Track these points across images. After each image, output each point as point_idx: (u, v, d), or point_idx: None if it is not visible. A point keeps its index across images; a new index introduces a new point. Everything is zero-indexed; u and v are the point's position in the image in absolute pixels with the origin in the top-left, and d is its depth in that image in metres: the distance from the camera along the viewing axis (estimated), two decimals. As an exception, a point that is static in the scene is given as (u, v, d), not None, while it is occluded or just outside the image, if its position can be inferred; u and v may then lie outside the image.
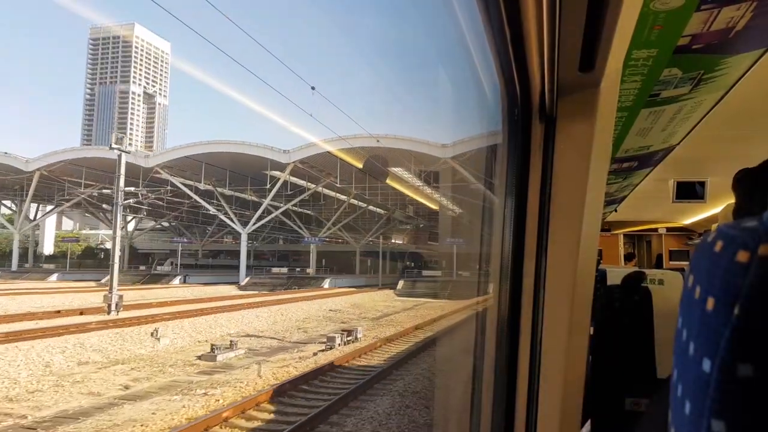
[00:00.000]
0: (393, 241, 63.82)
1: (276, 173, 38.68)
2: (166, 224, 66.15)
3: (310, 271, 48.74)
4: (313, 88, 24.31)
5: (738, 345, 0.25)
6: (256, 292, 36.00)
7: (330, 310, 24.23)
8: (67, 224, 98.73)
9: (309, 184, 41.43)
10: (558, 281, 1.02)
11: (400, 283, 39.76)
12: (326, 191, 43.82)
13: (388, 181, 35.73)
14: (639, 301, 1.64)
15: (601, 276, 3.30)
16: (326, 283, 41.21)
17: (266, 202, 40.86)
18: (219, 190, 42.85)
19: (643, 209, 7.83)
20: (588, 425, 1.62)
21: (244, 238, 42.84)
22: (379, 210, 51.47)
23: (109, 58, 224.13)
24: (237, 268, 45.11)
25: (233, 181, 42.75)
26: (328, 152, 34.40)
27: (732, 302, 0.25)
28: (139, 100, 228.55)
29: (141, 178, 39.82)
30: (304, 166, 37.28)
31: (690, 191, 4.75)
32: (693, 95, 2.37)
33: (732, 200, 1.09)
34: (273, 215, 43.34)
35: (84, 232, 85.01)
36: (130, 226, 62.70)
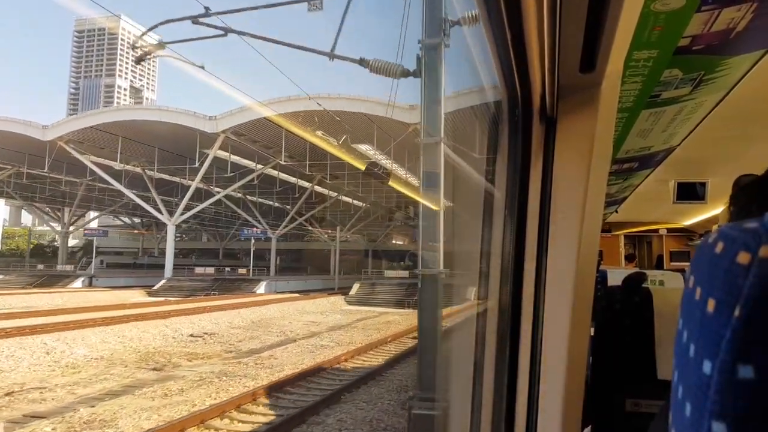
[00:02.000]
0: (368, 237, 58.13)
1: (208, 151, 31.01)
2: (127, 220, 60.96)
3: (244, 271, 41.64)
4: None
5: (738, 347, 0.25)
6: (163, 299, 27.85)
7: (190, 335, 15.03)
8: (27, 219, 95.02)
9: (258, 165, 34.02)
10: (558, 283, 1.02)
11: (356, 287, 31.38)
12: (285, 176, 37.02)
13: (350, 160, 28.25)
14: (640, 303, 1.64)
15: (602, 277, 3.29)
16: (261, 287, 33.51)
17: (194, 184, 33.43)
18: (149, 172, 35.47)
19: (644, 210, 7.82)
20: (589, 428, 1.62)
21: (170, 230, 35.83)
22: (347, 199, 45.45)
23: (95, 51, 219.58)
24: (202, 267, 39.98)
25: (171, 162, 34.90)
26: (267, 119, 25.58)
27: (733, 304, 0.25)
28: (125, 95, 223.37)
29: (47, 156, 31.77)
30: (241, 140, 29.21)
31: (691, 192, 4.75)
32: (693, 96, 2.37)
33: None
34: (206, 203, 36.50)
35: (39, 228, 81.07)
36: (92, 222, 56.16)
